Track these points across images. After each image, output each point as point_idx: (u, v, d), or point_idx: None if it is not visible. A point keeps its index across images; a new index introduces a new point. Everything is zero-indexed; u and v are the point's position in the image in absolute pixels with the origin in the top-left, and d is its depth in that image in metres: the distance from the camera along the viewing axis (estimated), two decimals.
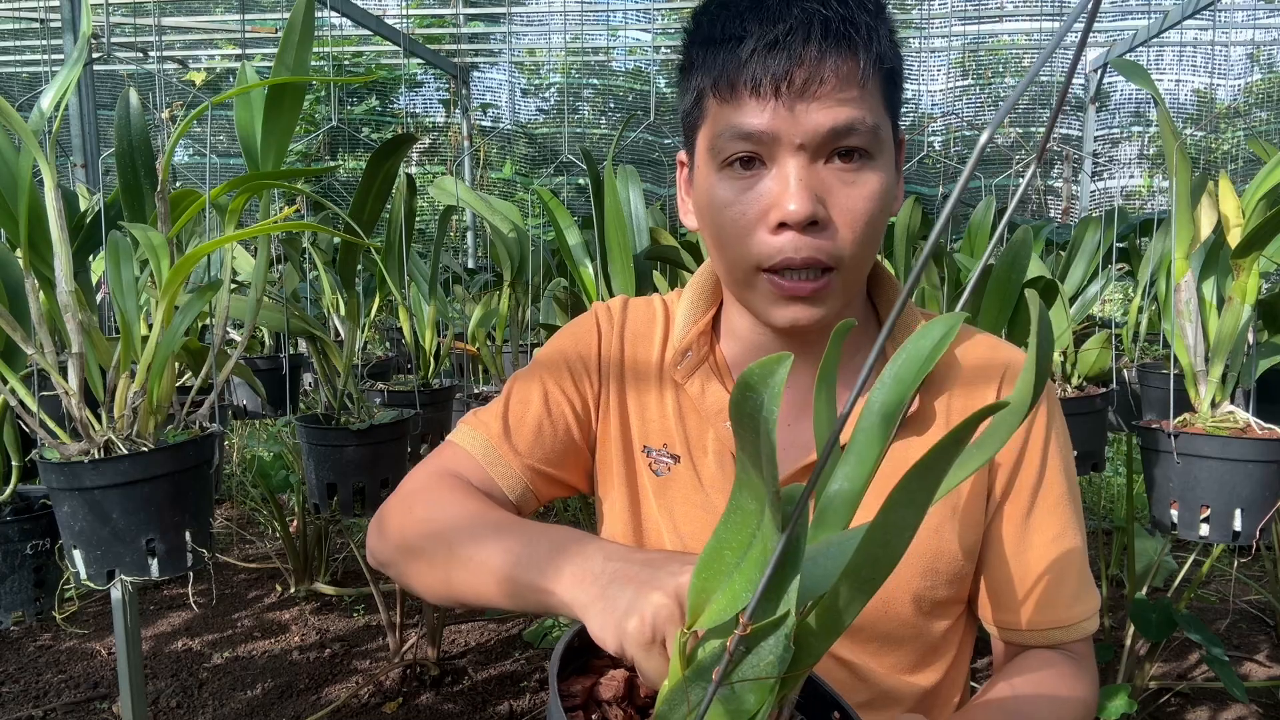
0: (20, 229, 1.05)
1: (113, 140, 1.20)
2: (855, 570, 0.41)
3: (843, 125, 0.69)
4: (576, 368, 0.88)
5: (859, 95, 0.69)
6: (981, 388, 0.81)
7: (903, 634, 0.81)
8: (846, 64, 0.69)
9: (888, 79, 0.72)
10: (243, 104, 1.17)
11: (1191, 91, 5.69)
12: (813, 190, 0.70)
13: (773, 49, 0.69)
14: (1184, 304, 1.42)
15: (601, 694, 0.53)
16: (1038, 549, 0.80)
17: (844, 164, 0.71)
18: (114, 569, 1.08)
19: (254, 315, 1.28)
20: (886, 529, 0.39)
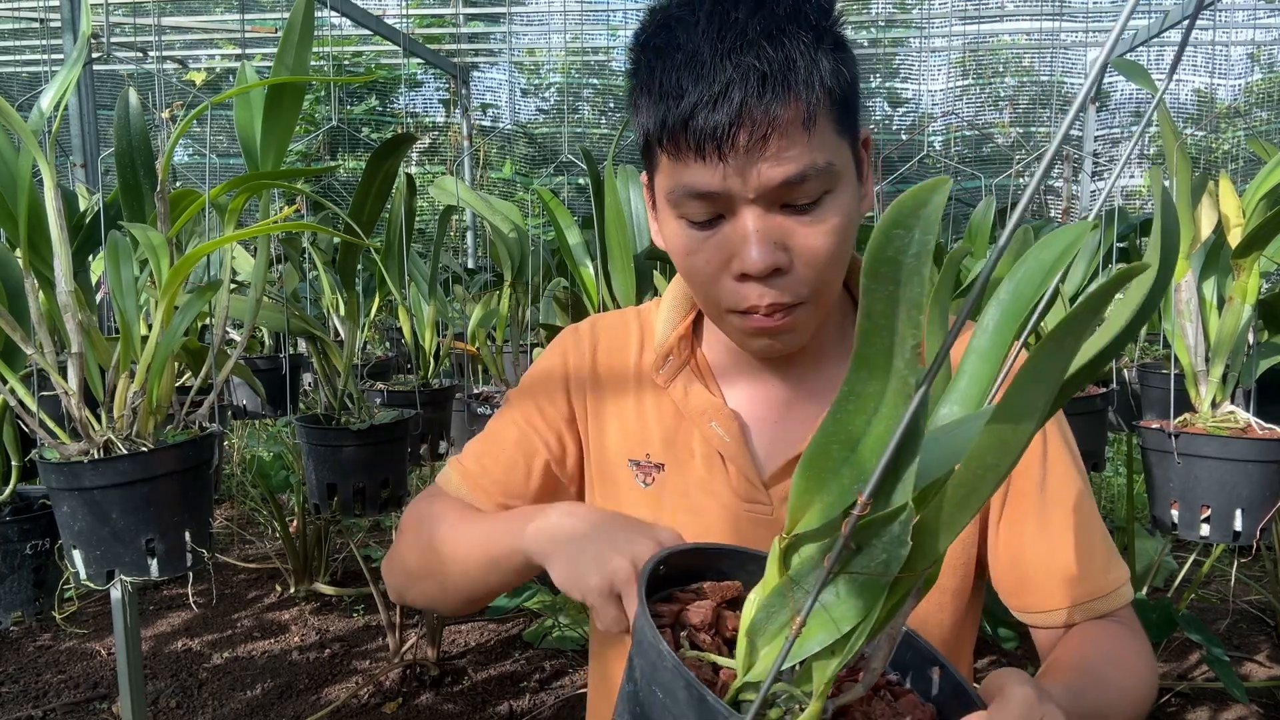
0: (20, 229, 1.04)
1: (112, 140, 1.20)
2: (980, 456, 0.37)
3: (794, 176, 0.68)
4: (545, 399, 0.90)
5: (805, 140, 0.68)
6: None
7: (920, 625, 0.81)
8: (789, 112, 0.67)
9: (838, 105, 0.70)
10: (242, 104, 1.17)
11: (1192, 91, 5.70)
12: (771, 238, 0.70)
13: (712, 109, 0.67)
14: (1184, 304, 1.42)
15: (690, 618, 0.53)
16: (1059, 523, 0.79)
17: (798, 212, 0.70)
18: (113, 569, 1.08)
19: (254, 315, 1.28)
20: (1015, 410, 0.35)
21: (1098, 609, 0.78)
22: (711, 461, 0.83)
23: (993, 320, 0.43)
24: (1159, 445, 1.39)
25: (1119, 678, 0.71)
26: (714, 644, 0.51)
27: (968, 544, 0.82)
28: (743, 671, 0.46)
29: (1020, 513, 0.80)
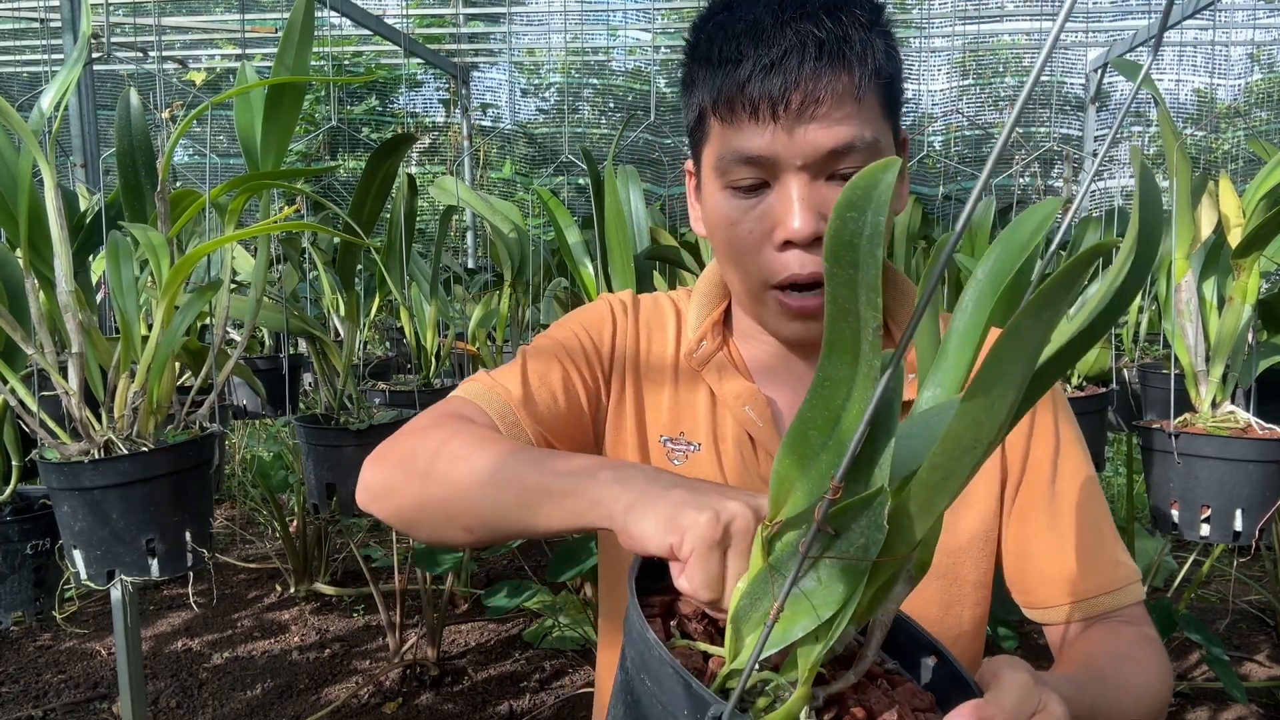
0: (20, 229, 1.04)
1: (113, 140, 1.20)
2: (954, 437, 0.36)
3: (842, 145, 0.70)
4: (591, 355, 0.88)
5: (856, 111, 0.70)
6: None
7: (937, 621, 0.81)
8: (841, 82, 0.70)
9: (885, 89, 0.73)
10: (242, 104, 1.17)
11: (1191, 91, 5.70)
12: (815, 208, 0.71)
13: (769, 72, 0.70)
14: (1184, 304, 1.42)
15: (682, 608, 0.53)
16: (1067, 519, 0.79)
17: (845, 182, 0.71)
18: (114, 569, 1.08)
19: (254, 315, 1.28)
20: (988, 387, 0.35)
21: (1105, 604, 0.77)
22: (742, 444, 0.84)
23: (970, 301, 0.43)
24: (1159, 445, 1.39)
25: (1127, 675, 0.70)
26: (706, 633, 0.51)
27: (989, 536, 0.82)
28: (730, 659, 0.46)
29: (1030, 507, 0.80)
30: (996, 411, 0.36)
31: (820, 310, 0.72)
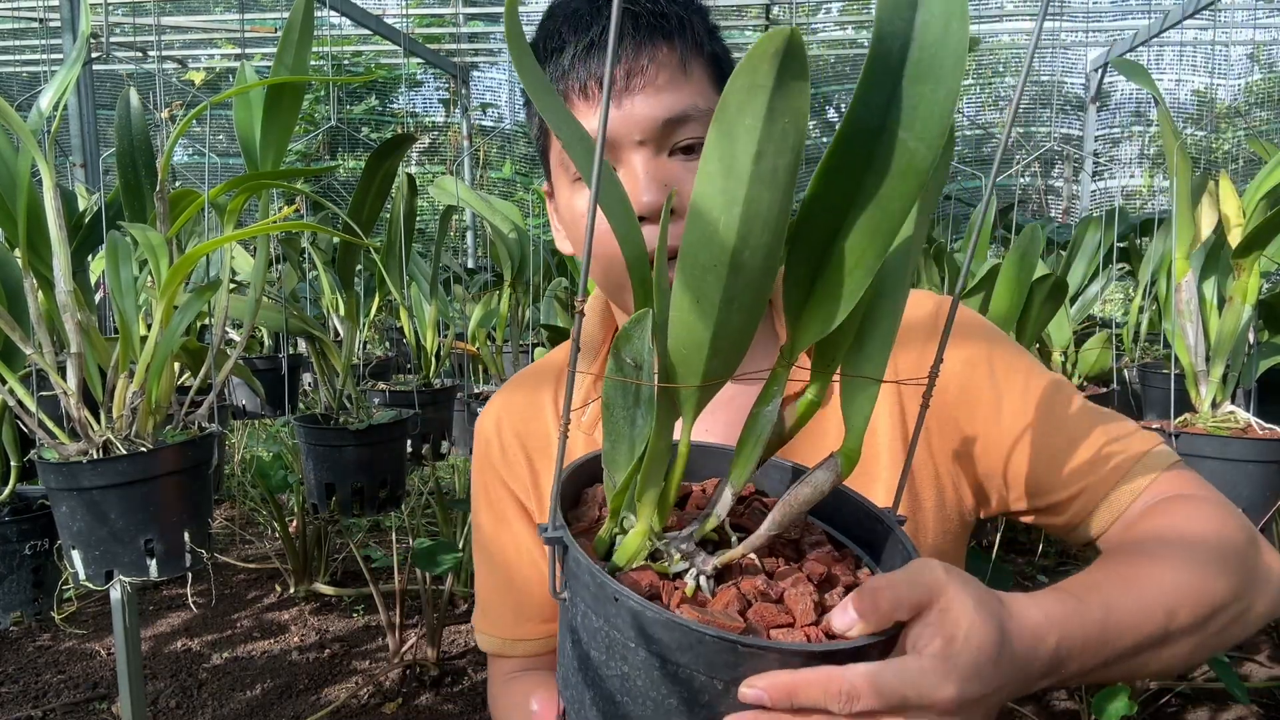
0: (19, 229, 1.04)
1: (112, 140, 1.20)
2: (696, 245, 0.41)
3: (676, 114, 0.70)
4: (505, 494, 0.87)
5: (684, 81, 0.71)
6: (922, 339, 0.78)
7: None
8: (662, 52, 0.71)
9: (713, 65, 0.74)
10: (242, 104, 1.16)
11: (1192, 91, 5.69)
12: (661, 181, 0.71)
13: (590, 51, 0.71)
14: (1185, 304, 1.41)
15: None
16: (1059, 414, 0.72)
17: (687, 156, 0.72)
18: (112, 569, 1.08)
19: (253, 315, 1.28)
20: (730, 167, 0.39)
21: (1145, 469, 0.68)
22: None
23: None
24: None
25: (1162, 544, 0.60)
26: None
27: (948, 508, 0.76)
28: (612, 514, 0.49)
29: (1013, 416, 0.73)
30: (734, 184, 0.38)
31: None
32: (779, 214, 0.39)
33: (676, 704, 0.42)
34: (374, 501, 1.75)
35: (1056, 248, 2.77)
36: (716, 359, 0.42)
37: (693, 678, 0.41)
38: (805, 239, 0.42)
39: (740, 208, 0.39)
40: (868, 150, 0.39)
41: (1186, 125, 5.75)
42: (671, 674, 0.42)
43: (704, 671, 0.41)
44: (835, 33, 5.34)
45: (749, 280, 0.40)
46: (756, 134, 0.37)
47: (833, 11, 5.37)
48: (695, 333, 0.42)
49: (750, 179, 0.38)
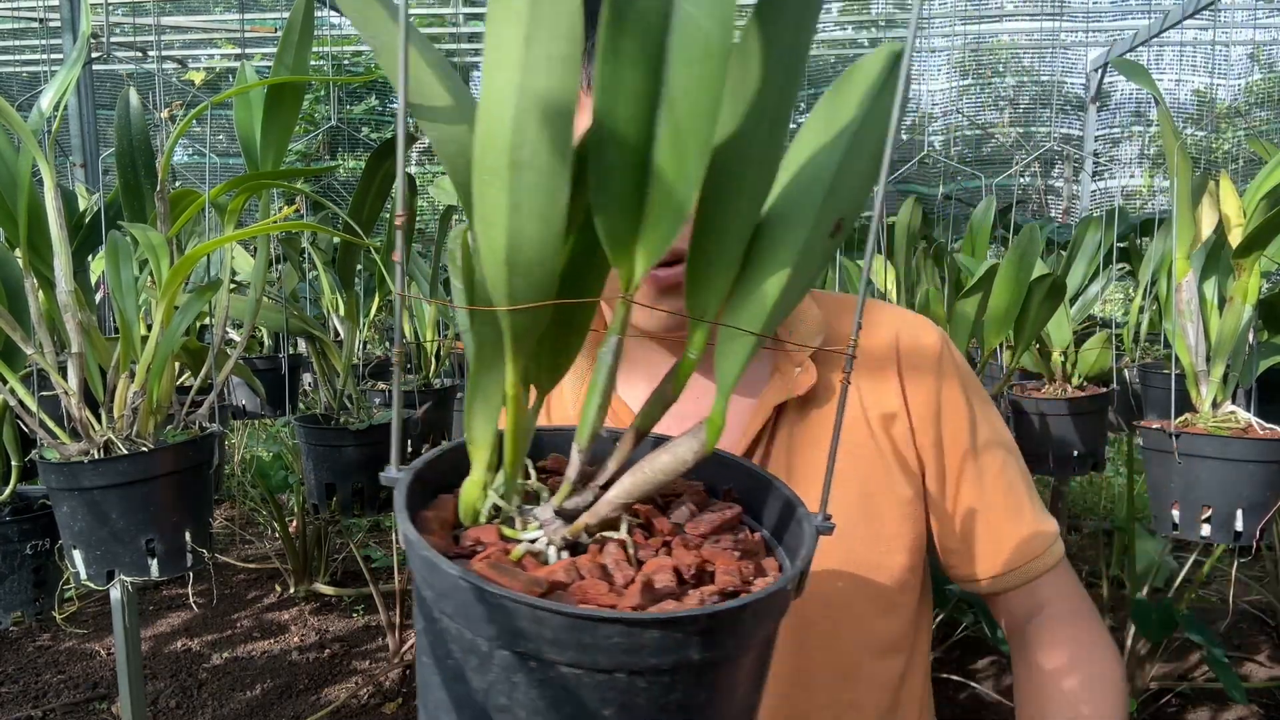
0: (20, 229, 1.04)
1: (112, 140, 1.20)
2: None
3: None
4: None
5: None
6: (882, 360, 0.80)
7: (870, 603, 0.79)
8: None
9: None
10: (242, 104, 1.16)
11: (1192, 91, 5.69)
12: None
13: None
14: (1185, 304, 1.41)
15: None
16: (991, 491, 0.80)
17: None
18: (113, 569, 1.08)
19: (253, 315, 1.28)
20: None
21: (1036, 570, 0.80)
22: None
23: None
24: (1159, 445, 1.39)
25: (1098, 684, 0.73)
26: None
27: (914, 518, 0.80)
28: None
29: (953, 483, 0.80)
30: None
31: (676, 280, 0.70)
32: (560, 106, 0.35)
33: (456, 657, 0.39)
34: (375, 501, 1.75)
35: (1056, 248, 2.77)
36: (517, 277, 0.38)
37: (458, 633, 0.39)
38: (612, 143, 0.37)
39: (513, 100, 0.35)
40: (657, 27, 0.35)
41: (1186, 125, 5.75)
42: (443, 629, 0.40)
43: (463, 625, 0.38)
44: (835, 33, 5.35)
45: (535, 182, 0.36)
46: (525, 15, 0.34)
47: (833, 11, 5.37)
48: (493, 248, 0.38)
49: (521, 67, 0.35)
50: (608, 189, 0.37)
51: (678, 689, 0.37)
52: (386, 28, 0.42)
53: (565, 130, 0.36)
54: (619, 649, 0.36)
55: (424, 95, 0.43)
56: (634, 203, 0.38)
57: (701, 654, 0.37)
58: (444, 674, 0.41)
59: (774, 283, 0.42)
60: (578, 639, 0.36)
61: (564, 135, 0.36)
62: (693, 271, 0.42)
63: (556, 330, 0.45)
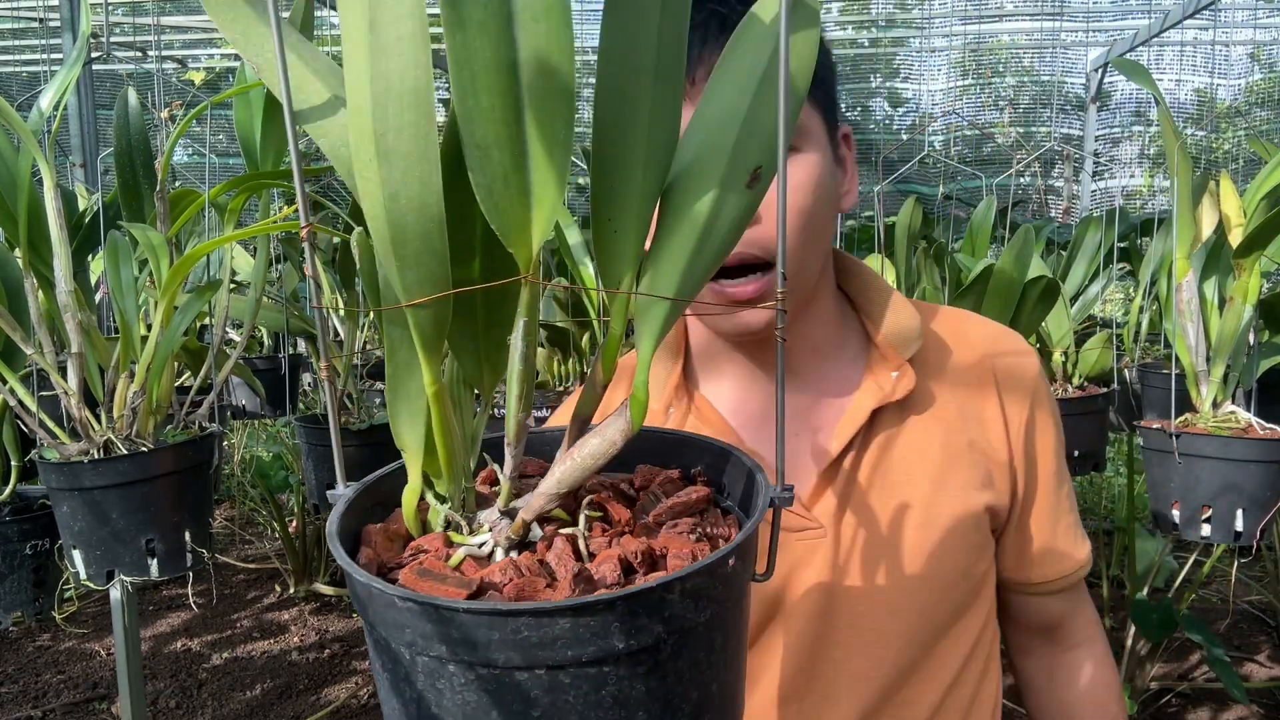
0: (19, 229, 1.04)
1: (112, 140, 1.20)
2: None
3: None
4: None
5: None
6: (980, 372, 0.82)
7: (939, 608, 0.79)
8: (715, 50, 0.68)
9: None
10: (242, 103, 1.16)
11: (1192, 91, 5.69)
12: None
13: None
14: (1185, 304, 1.41)
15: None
16: (1059, 507, 0.84)
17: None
18: (113, 569, 1.08)
19: (253, 315, 1.28)
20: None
21: (1060, 585, 0.84)
22: None
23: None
24: (1160, 445, 1.39)
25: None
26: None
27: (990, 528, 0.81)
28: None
29: (1032, 496, 0.83)
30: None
31: (753, 295, 0.71)
32: (416, 86, 0.34)
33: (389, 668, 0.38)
34: None
35: (1057, 248, 2.77)
36: (408, 269, 0.36)
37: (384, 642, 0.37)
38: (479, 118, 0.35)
39: (368, 88, 0.34)
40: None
41: (1187, 125, 5.75)
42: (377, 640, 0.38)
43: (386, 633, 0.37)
44: (835, 33, 5.35)
45: (405, 168, 0.35)
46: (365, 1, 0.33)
47: (833, 11, 5.37)
48: (382, 242, 0.37)
49: (370, 53, 0.33)
50: (487, 168, 0.35)
51: (609, 683, 0.35)
52: (266, 42, 0.41)
53: (426, 111, 0.34)
54: (530, 643, 0.34)
55: (308, 101, 0.41)
56: (517, 178, 0.36)
57: (626, 642, 0.34)
58: (384, 686, 0.40)
59: (686, 241, 0.39)
60: (487, 637, 0.34)
61: (425, 117, 0.34)
62: (597, 239, 0.40)
63: (482, 327, 0.43)
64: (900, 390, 0.77)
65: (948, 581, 0.78)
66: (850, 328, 0.83)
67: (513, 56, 0.34)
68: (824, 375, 0.82)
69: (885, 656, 0.76)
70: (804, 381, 0.81)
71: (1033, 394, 0.82)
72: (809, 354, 0.81)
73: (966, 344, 0.83)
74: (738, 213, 0.40)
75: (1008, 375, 0.82)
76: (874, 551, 0.76)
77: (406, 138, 0.34)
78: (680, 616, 0.36)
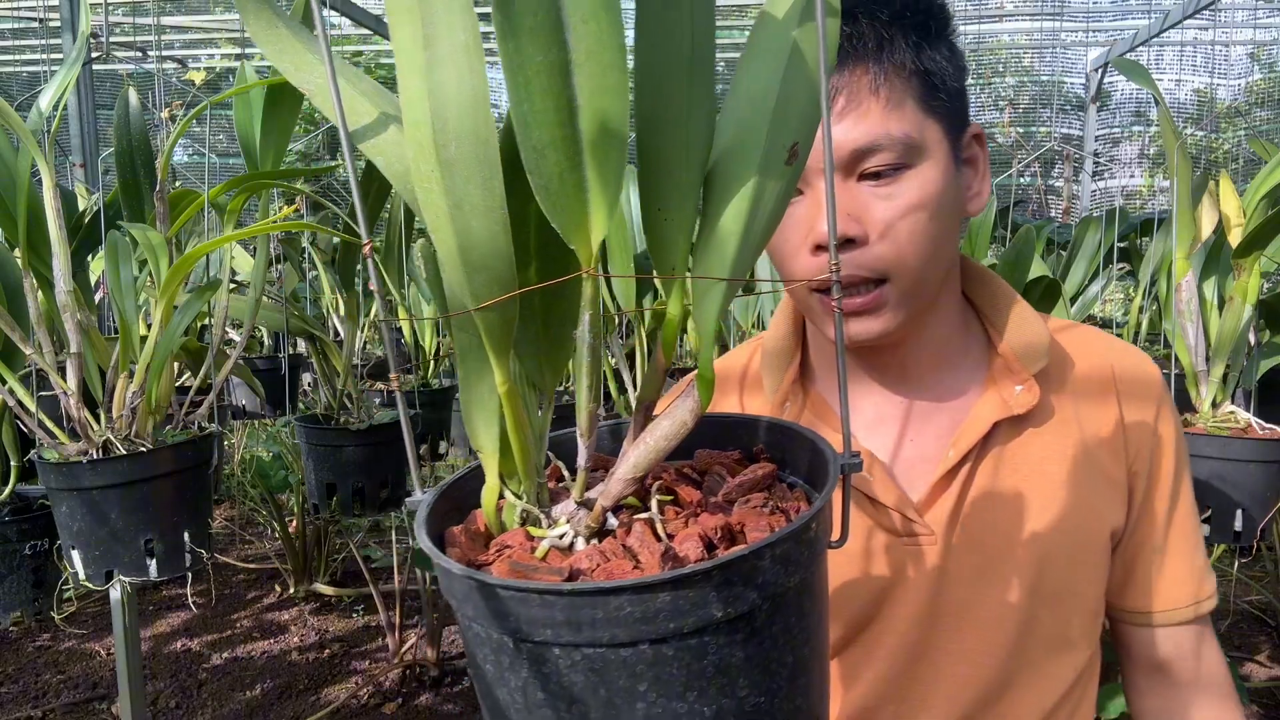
0: (19, 229, 1.04)
1: (112, 140, 1.20)
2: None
3: (864, 145, 0.68)
4: None
5: (880, 108, 0.68)
6: (1102, 387, 0.80)
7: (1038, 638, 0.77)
8: (856, 79, 0.68)
9: (920, 81, 0.70)
10: (242, 104, 1.16)
11: (1192, 91, 5.69)
12: (844, 208, 0.69)
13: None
14: (1185, 304, 1.41)
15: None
16: (1175, 535, 0.80)
17: (876, 182, 0.70)
18: (112, 569, 1.08)
19: (253, 315, 1.28)
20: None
21: (1187, 615, 0.80)
22: (857, 503, 0.78)
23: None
24: None
25: None
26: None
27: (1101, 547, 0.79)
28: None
29: (1150, 515, 0.80)
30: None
31: (865, 308, 0.71)
32: (473, 95, 0.35)
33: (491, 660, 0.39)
34: (375, 501, 1.75)
35: (1056, 248, 2.77)
36: (476, 275, 0.38)
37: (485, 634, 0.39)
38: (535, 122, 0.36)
39: (426, 101, 0.35)
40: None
41: (1187, 125, 5.75)
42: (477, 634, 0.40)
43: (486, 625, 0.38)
44: None
45: (468, 176, 0.36)
46: (419, 15, 0.34)
47: None
48: (449, 251, 0.38)
49: (426, 66, 0.35)
50: (544, 168, 0.36)
51: (710, 652, 0.36)
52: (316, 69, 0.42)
53: (484, 119, 0.35)
54: (633, 619, 0.34)
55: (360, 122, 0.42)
56: (574, 176, 0.37)
57: (724, 610, 0.35)
58: (484, 681, 0.41)
59: (734, 222, 0.40)
60: (591, 616, 0.35)
61: (484, 124, 0.35)
62: (649, 228, 0.41)
63: (541, 326, 0.44)
64: (1023, 404, 0.76)
65: (1057, 600, 0.76)
66: (973, 335, 0.82)
67: (564, 58, 0.35)
68: (942, 381, 0.81)
69: (987, 666, 0.75)
70: (922, 386, 0.80)
71: (1157, 412, 0.81)
72: (928, 359, 0.80)
73: (1089, 357, 0.81)
74: (782, 191, 0.41)
75: (1129, 386, 0.80)
76: (983, 562, 0.75)
77: (467, 146, 0.35)
78: (772, 582, 0.37)
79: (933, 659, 0.76)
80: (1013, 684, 0.76)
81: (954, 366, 0.81)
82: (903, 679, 0.76)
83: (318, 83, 0.42)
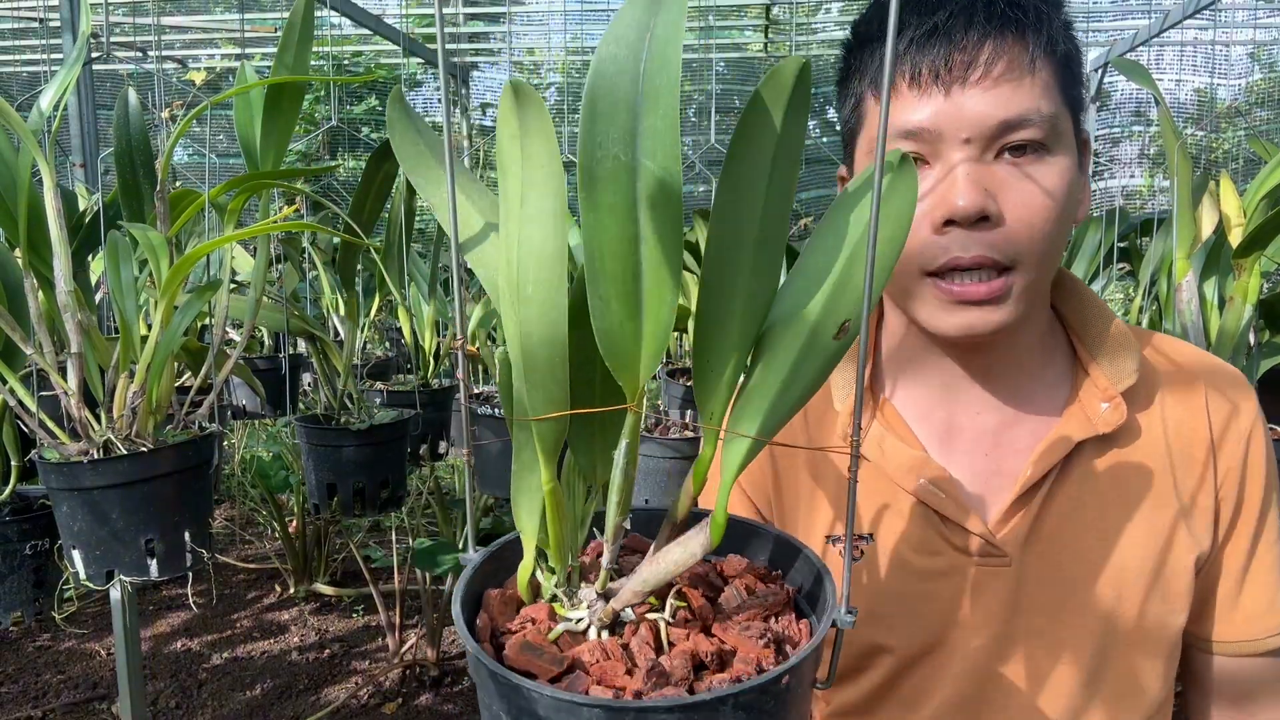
0: (19, 229, 1.04)
1: (112, 140, 1.20)
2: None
3: (1014, 117, 0.64)
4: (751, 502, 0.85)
5: (1029, 82, 0.64)
6: (1189, 404, 0.75)
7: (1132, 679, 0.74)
8: (1012, 48, 0.64)
9: (1063, 66, 0.66)
10: (242, 104, 1.16)
11: (1192, 91, 5.69)
12: (982, 185, 0.64)
13: (931, 36, 0.64)
14: (1185, 304, 1.41)
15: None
16: (1262, 557, 0.76)
17: (1016, 158, 0.65)
18: (113, 569, 1.08)
19: (253, 315, 1.28)
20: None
21: (1272, 645, 0.75)
22: (928, 520, 0.74)
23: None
24: None
25: None
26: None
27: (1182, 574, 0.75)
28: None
29: (1234, 542, 0.76)
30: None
31: (988, 296, 0.65)
32: (554, 251, 0.42)
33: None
34: (375, 501, 1.75)
35: None
36: (535, 391, 0.44)
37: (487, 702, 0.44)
38: (603, 278, 0.43)
39: (517, 247, 0.42)
40: (626, 182, 0.41)
41: (1187, 125, 5.75)
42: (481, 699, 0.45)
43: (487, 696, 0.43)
44: (835, 33, 5.35)
45: (537, 314, 0.43)
46: (520, 177, 0.41)
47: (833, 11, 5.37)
48: (515, 365, 0.45)
49: (519, 219, 0.42)
50: (607, 316, 0.43)
51: None
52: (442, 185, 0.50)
53: (559, 271, 0.42)
54: None
55: (471, 234, 0.50)
56: (631, 326, 0.43)
57: None
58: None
59: (770, 388, 0.46)
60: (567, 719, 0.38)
61: (558, 276, 0.42)
62: (698, 377, 0.46)
63: (599, 429, 0.50)
64: (1110, 423, 0.72)
65: (1135, 629, 0.72)
66: (1058, 347, 0.78)
67: (634, 232, 0.41)
68: (1023, 393, 0.76)
69: (1059, 693, 0.71)
70: (1004, 397, 0.76)
71: (1249, 435, 0.75)
72: (1012, 368, 0.75)
73: (1180, 374, 0.76)
74: (825, 361, 0.46)
75: (1223, 413, 0.75)
76: (1060, 588, 0.71)
77: (541, 290, 0.43)
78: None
79: (1003, 683, 0.72)
80: (1087, 713, 0.73)
81: (1037, 379, 0.76)
82: (973, 702, 0.73)
83: (441, 198, 0.49)
